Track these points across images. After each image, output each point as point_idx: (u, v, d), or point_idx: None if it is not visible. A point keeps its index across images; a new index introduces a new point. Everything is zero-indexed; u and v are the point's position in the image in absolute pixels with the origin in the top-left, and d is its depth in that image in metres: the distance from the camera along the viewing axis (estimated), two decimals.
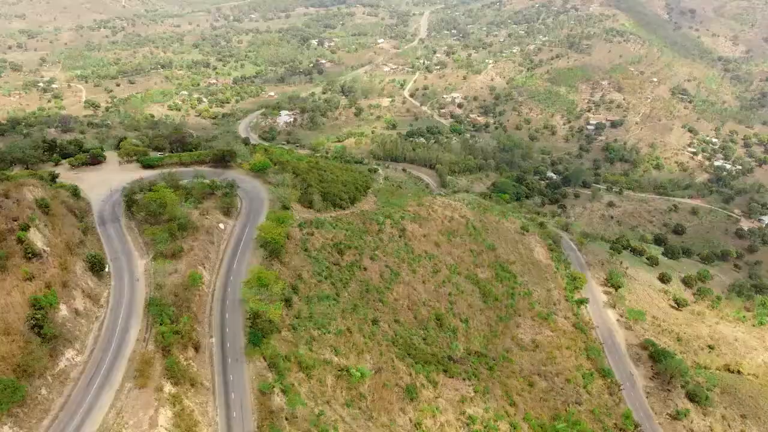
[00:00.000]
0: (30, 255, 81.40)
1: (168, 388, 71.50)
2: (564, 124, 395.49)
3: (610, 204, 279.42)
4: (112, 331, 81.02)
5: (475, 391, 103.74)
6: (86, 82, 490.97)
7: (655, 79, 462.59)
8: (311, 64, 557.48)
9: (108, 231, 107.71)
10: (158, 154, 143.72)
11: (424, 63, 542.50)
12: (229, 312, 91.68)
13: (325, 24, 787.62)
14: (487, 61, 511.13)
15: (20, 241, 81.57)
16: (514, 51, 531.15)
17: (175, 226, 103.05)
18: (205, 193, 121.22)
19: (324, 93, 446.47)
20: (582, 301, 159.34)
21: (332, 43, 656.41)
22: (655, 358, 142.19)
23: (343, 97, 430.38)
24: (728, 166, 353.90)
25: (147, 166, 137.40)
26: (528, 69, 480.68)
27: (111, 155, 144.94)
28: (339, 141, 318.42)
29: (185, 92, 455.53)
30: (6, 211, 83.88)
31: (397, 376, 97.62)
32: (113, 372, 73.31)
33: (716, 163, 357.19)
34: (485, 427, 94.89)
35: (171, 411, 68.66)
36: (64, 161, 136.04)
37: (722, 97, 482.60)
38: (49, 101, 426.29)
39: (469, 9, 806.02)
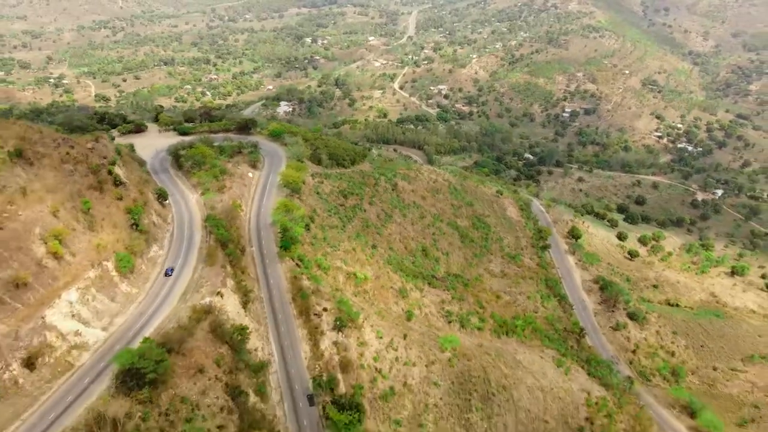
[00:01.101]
0: (117, 183, 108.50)
1: (228, 268, 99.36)
2: (542, 112, 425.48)
3: (580, 179, 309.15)
4: (181, 237, 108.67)
5: (452, 297, 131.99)
6: (94, 78, 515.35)
7: (627, 71, 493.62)
8: (306, 60, 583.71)
9: (161, 177, 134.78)
10: (191, 124, 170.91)
11: (412, 58, 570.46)
12: (262, 231, 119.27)
13: (317, 23, 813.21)
14: (471, 56, 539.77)
15: (110, 172, 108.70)
16: (497, 47, 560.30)
17: (217, 171, 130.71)
18: (234, 151, 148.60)
19: (319, 86, 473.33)
20: (545, 247, 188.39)
21: (325, 41, 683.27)
22: (603, 288, 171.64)
23: (338, 89, 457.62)
24: (690, 148, 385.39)
25: (182, 133, 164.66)
26: (509, 63, 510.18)
27: (150, 126, 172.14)
28: (335, 127, 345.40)
29: (189, 86, 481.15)
30: (98, 151, 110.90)
31: (391, 282, 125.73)
32: (189, 258, 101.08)
33: (679, 146, 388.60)
34: (460, 319, 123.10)
35: (233, 280, 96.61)
36: (113, 130, 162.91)
37: (690, 87, 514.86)
38: (60, 95, 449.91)
39: (456, 8, 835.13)
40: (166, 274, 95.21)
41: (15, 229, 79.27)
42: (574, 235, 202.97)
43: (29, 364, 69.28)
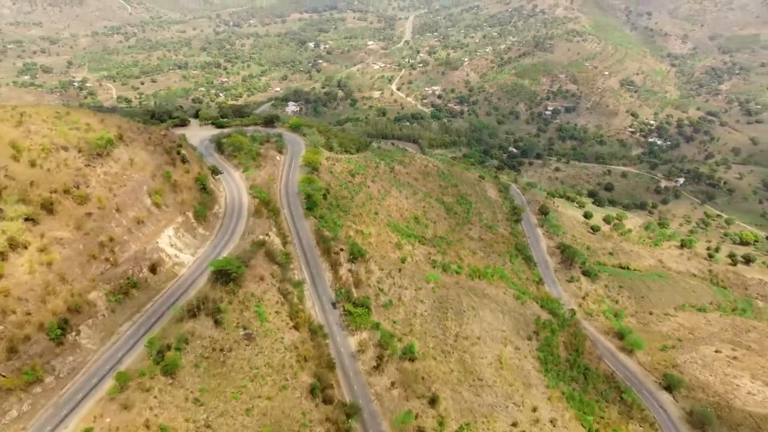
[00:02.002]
0: (184, 160, 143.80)
1: (270, 220, 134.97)
2: (526, 111, 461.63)
3: (557, 169, 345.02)
4: (233, 200, 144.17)
5: (437, 251, 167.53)
6: (114, 81, 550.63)
7: (606, 73, 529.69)
8: (310, 64, 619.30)
9: (208, 160, 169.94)
10: (225, 119, 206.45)
11: (408, 61, 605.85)
12: (291, 198, 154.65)
13: (319, 28, 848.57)
14: (463, 59, 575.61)
15: (178, 153, 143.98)
16: (488, 50, 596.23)
17: (253, 154, 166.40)
18: (264, 140, 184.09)
19: (323, 88, 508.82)
20: (518, 220, 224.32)
21: (327, 46, 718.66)
22: (564, 251, 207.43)
23: (340, 90, 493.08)
24: (659, 142, 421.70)
25: (219, 126, 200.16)
26: (498, 65, 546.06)
27: (192, 121, 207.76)
28: (340, 125, 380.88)
29: (203, 88, 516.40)
30: (169, 137, 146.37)
31: (389, 238, 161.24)
32: (241, 213, 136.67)
33: (650, 140, 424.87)
34: (442, 265, 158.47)
35: (275, 228, 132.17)
36: (162, 124, 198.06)
37: (665, 87, 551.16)
38: (85, 98, 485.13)
39: (450, 13, 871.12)
40: None
41: (132, 186, 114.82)
42: (543, 211, 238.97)
43: (153, 269, 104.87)
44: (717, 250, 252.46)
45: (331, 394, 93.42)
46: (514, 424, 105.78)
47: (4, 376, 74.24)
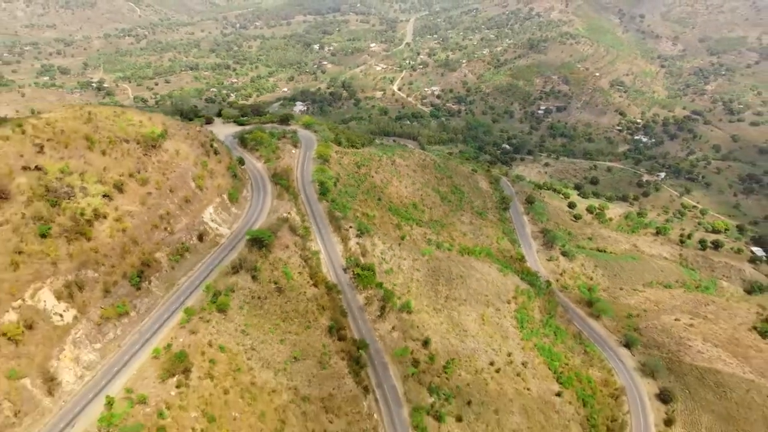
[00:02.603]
0: (216, 152, 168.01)
1: (291, 202, 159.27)
2: (520, 110, 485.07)
3: (546, 164, 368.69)
4: (257, 186, 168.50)
5: (432, 232, 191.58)
6: (129, 82, 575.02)
7: (597, 74, 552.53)
8: (315, 65, 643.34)
9: (234, 152, 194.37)
10: (245, 118, 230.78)
11: (409, 63, 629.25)
12: (306, 185, 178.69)
13: (323, 30, 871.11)
14: (461, 61, 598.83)
15: (211, 146, 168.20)
16: (485, 52, 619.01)
17: (273, 147, 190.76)
18: (281, 135, 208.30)
19: (328, 88, 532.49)
20: (506, 208, 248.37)
21: (331, 47, 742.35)
22: (545, 235, 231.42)
23: (344, 91, 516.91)
24: (645, 140, 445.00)
25: (240, 124, 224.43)
26: (495, 67, 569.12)
27: (216, 119, 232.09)
28: (344, 123, 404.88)
29: (214, 89, 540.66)
30: (203, 132, 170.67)
31: (390, 220, 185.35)
32: (266, 196, 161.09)
33: (636, 137, 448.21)
34: (436, 243, 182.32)
35: (295, 207, 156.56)
36: (191, 122, 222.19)
37: (654, 87, 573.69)
38: (103, 98, 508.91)
39: (449, 16, 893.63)
40: None
41: (180, 172, 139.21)
42: (529, 201, 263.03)
43: (200, 238, 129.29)
44: (689, 236, 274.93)
45: (345, 334, 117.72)
46: (491, 363, 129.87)
47: (103, 308, 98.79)
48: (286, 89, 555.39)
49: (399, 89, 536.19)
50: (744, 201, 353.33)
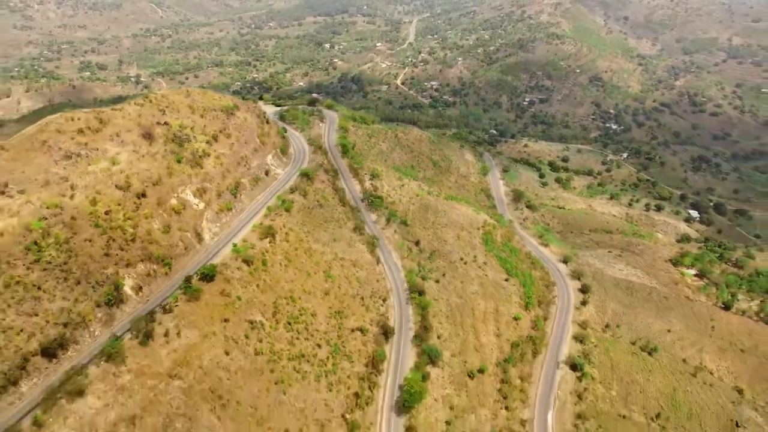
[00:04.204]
0: (267, 121, 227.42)
1: (323, 156, 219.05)
2: (508, 101, 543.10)
3: (525, 145, 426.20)
4: (298, 146, 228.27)
5: (425, 185, 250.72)
6: (163, 77, 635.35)
7: (578, 70, 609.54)
8: (327, 62, 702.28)
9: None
10: (281, 100, 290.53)
11: (411, 60, 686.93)
12: (331, 147, 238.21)
13: (332, 31, 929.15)
14: (458, 59, 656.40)
15: (264, 117, 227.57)
16: (479, 51, 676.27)
17: (306, 121, 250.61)
18: (310, 114, 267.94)
19: (339, 82, 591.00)
20: (486, 173, 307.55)
21: (341, 47, 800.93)
22: (515, 193, 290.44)
23: (353, 84, 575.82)
24: (614, 127, 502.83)
25: (277, 105, 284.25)
26: (487, 64, 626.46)
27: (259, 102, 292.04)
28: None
29: (239, 83, 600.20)
30: (258, 107, 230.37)
31: (394, 174, 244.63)
32: (305, 153, 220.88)
33: (607, 125, 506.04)
34: (427, 191, 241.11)
35: (326, 161, 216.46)
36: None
37: (629, 83, 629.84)
38: (142, 90, 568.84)
39: (449, 18, 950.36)
40: None
41: (249, 132, 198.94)
42: (505, 170, 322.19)
43: (266, 173, 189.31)
44: (637, 201, 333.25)
45: (364, 231, 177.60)
46: (461, 259, 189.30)
47: (218, 204, 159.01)
48: (302, 83, 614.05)
49: (402, 83, 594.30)
50: (691, 177, 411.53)
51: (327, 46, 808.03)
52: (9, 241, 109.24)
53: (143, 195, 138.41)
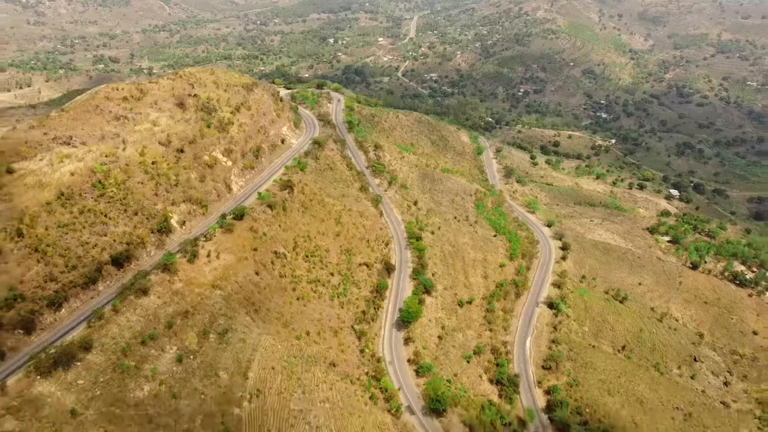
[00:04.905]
0: (281, 99, 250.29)
1: (331, 129, 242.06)
2: (503, 92, 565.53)
3: (519, 131, 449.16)
4: (309, 121, 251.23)
5: (423, 159, 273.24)
6: (174, 69, 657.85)
7: (572, 64, 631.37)
8: (331, 56, 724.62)
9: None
10: (292, 84, 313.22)
11: (412, 54, 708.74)
12: (339, 124, 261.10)
13: (335, 27, 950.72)
14: (456, 53, 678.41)
15: (278, 95, 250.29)
16: (477, 45, 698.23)
17: (315, 100, 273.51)
18: (318, 95, 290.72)
19: (343, 74, 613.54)
20: (480, 153, 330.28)
21: (344, 42, 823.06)
22: (506, 169, 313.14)
23: (356, 76, 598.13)
24: (605, 116, 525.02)
25: (288, 88, 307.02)
26: (485, 58, 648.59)
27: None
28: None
29: (248, 75, 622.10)
30: (273, 87, 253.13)
31: (396, 151, 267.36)
32: (315, 127, 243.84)
33: (597, 114, 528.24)
34: (425, 164, 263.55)
35: (334, 133, 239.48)
36: None
37: (621, 76, 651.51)
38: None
39: (449, 14, 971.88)
40: None
41: (267, 105, 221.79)
42: (498, 150, 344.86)
43: (282, 141, 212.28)
44: (622, 180, 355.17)
45: (369, 191, 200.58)
46: (455, 218, 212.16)
47: (243, 163, 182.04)
48: (307, 75, 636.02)
49: (403, 75, 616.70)
50: (675, 161, 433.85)
51: (331, 41, 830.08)
52: (79, 179, 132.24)
53: (181, 150, 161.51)
